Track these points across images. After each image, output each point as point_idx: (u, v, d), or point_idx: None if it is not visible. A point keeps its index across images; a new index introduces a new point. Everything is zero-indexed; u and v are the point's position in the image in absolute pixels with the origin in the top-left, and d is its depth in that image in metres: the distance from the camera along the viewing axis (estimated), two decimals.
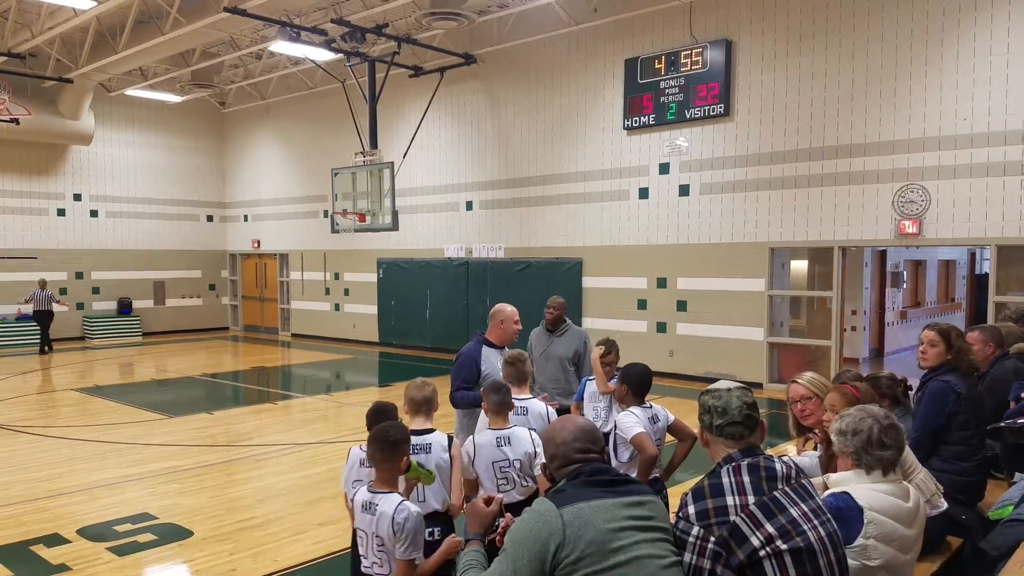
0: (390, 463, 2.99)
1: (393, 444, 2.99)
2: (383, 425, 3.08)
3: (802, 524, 2.23)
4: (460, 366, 5.12)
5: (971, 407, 4.27)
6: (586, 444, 2.37)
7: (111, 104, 19.43)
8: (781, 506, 2.25)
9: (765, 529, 2.19)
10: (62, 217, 19.28)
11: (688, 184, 12.78)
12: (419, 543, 2.92)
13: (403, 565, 2.92)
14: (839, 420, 2.86)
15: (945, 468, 4.14)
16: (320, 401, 11.91)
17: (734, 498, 2.24)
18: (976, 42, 10.07)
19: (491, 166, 15.62)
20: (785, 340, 12.40)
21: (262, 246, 21.24)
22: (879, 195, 10.95)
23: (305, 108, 19.23)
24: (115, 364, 15.96)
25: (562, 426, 2.44)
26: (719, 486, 2.28)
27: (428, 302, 16.84)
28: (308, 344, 19.01)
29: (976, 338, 5.06)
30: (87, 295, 19.77)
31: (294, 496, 6.85)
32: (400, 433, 3.03)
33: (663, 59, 12.72)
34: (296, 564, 5.27)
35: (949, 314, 18.83)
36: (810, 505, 2.31)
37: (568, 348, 6.11)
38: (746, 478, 2.29)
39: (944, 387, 4.27)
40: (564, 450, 2.37)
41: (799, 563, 2.18)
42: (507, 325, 5.22)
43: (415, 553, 2.92)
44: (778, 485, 2.29)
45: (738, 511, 2.21)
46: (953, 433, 4.25)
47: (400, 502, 2.94)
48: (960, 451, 4.24)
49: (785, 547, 2.17)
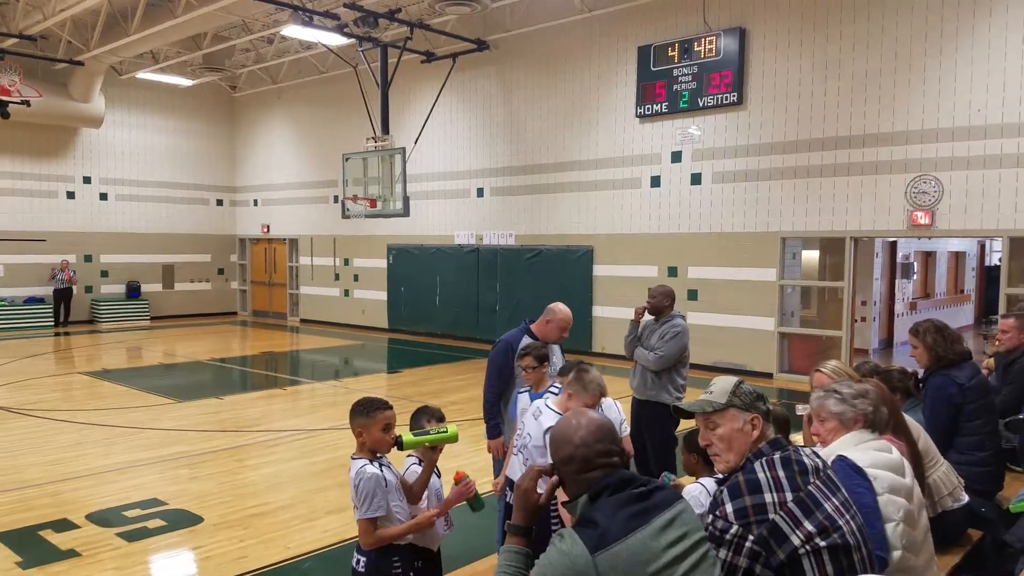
0: (362, 430, 3.13)
1: (362, 410, 3.13)
2: (364, 397, 3.25)
3: (837, 520, 2.20)
4: (496, 354, 5.09)
5: (977, 396, 4.27)
6: (608, 445, 2.10)
7: (122, 87, 19.39)
8: (817, 501, 2.21)
9: (805, 527, 2.15)
10: (72, 200, 19.31)
11: (700, 173, 12.69)
12: (377, 505, 3.03)
13: (361, 524, 3.08)
14: (838, 389, 3.00)
15: (962, 460, 4.12)
16: (329, 387, 11.92)
17: (772, 495, 2.19)
18: (991, 33, 9.94)
19: (502, 153, 15.55)
20: (796, 330, 12.34)
21: (271, 231, 21.24)
22: (892, 185, 10.85)
23: (316, 93, 19.17)
24: (123, 348, 16.01)
25: (578, 422, 2.13)
26: (756, 482, 2.22)
27: (438, 288, 16.82)
28: (317, 330, 19.03)
29: (1011, 325, 5.02)
30: (96, 278, 19.82)
31: (304, 483, 6.86)
32: (374, 404, 3.15)
33: (676, 47, 12.61)
34: (307, 551, 5.27)
35: (958, 306, 18.74)
36: (839, 498, 2.28)
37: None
38: (781, 473, 2.24)
39: (944, 380, 4.30)
40: (584, 452, 2.08)
41: (836, 560, 2.15)
42: (551, 327, 5.06)
43: (372, 513, 3.03)
44: (810, 479, 2.25)
45: (777, 509, 2.16)
46: (964, 424, 4.26)
47: (360, 466, 3.08)
48: (974, 441, 4.24)
49: (824, 544, 2.15)
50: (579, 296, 13.88)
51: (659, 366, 5.86)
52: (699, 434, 2.50)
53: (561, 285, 14.04)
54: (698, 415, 2.45)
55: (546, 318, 5.11)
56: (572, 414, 2.22)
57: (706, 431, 2.43)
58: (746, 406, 2.38)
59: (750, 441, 2.35)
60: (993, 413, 4.33)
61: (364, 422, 3.13)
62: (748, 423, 2.35)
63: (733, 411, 2.37)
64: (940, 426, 4.18)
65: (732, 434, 2.36)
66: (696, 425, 2.52)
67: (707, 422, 2.42)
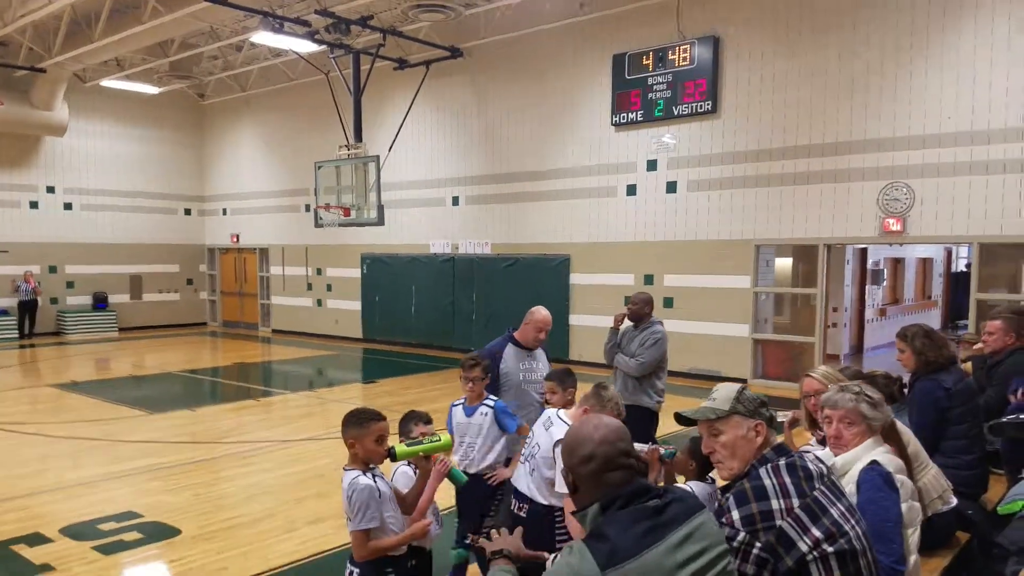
0: (355, 441, 3.10)
1: (355, 421, 3.11)
2: (357, 407, 3.22)
3: (844, 525, 2.19)
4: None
5: (963, 400, 4.31)
6: (628, 447, 2.03)
7: (86, 95, 19.01)
8: (823, 507, 2.20)
9: (812, 533, 2.14)
10: (35, 210, 18.87)
11: (676, 181, 12.77)
12: (371, 516, 3.02)
13: (354, 536, 3.06)
14: (867, 394, 2.95)
15: (949, 463, 4.15)
16: (303, 398, 11.75)
17: (779, 501, 2.17)
18: (961, 41, 10.14)
19: (477, 161, 15.52)
20: (770, 336, 12.45)
21: (241, 240, 20.95)
22: (864, 193, 11.01)
23: (287, 100, 18.98)
24: (91, 359, 15.65)
25: (598, 422, 2.07)
26: (762, 489, 2.21)
27: (413, 298, 16.70)
28: (289, 340, 18.78)
29: (997, 327, 5.08)
30: (61, 289, 19.38)
31: (282, 494, 6.72)
32: (367, 415, 3.13)
33: (651, 55, 12.69)
34: (287, 563, 5.16)
35: (926, 311, 19.05)
36: (844, 504, 2.27)
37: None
38: (787, 479, 2.22)
39: (931, 385, 4.34)
40: (606, 450, 1.98)
41: (843, 565, 2.15)
42: (527, 329, 5.06)
43: (365, 524, 3.02)
44: (815, 485, 2.24)
45: (784, 515, 2.15)
46: (950, 428, 4.30)
47: (353, 477, 3.06)
48: (960, 445, 4.28)
49: (832, 550, 2.13)
50: (556, 304, 13.80)
51: (640, 372, 5.98)
52: (702, 441, 2.47)
53: (538, 294, 14.00)
54: (701, 422, 2.42)
55: (525, 321, 5.10)
56: (589, 417, 2.20)
57: (709, 438, 2.40)
58: (750, 413, 2.36)
59: (754, 448, 2.33)
60: (979, 416, 4.37)
61: (357, 433, 3.09)
62: (752, 430, 2.34)
63: (737, 418, 2.35)
64: (927, 430, 4.20)
65: (736, 441, 2.34)
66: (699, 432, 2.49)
67: (710, 429, 2.39)
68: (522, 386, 4.99)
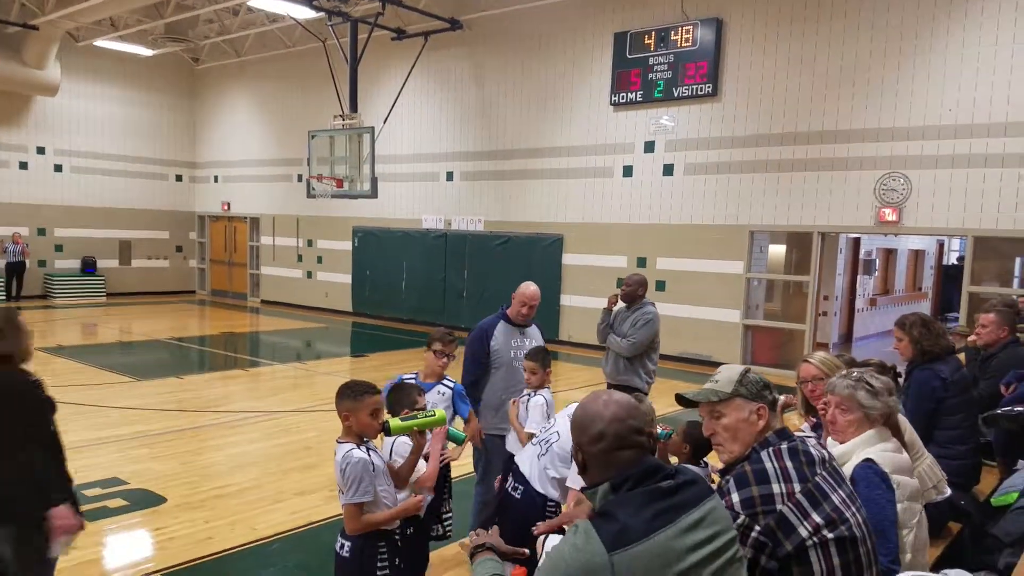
0: (349, 414, 3.07)
1: (350, 394, 3.07)
2: (352, 380, 3.18)
3: (844, 512, 2.16)
4: (472, 339, 4.99)
5: (958, 391, 4.29)
6: (640, 424, 1.95)
7: (79, 55, 18.69)
8: (824, 493, 2.16)
9: (813, 519, 2.10)
10: (24, 170, 18.61)
11: (673, 164, 12.69)
12: (364, 490, 2.99)
13: (347, 509, 3.03)
14: (869, 382, 2.87)
15: (943, 453, 4.14)
16: (291, 369, 11.69)
17: (780, 486, 2.13)
18: (965, 33, 10.08)
19: (473, 136, 15.37)
20: (760, 323, 12.45)
21: (232, 209, 20.75)
22: (861, 182, 10.97)
23: (282, 67, 18.72)
24: (79, 324, 15.52)
25: (608, 398, 2.00)
26: (763, 472, 2.17)
27: (404, 273, 16.61)
28: (278, 311, 18.68)
29: (991, 319, 5.08)
30: (50, 252, 19.18)
31: (269, 464, 6.68)
32: (362, 387, 3.10)
33: (653, 35, 12.56)
34: (274, 533, 5.13)
35: (916, 302, 19.12)
36: (845, 490, 2.24)
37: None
38: (789, 463, 2.18)
39: (928, 374, 4.31)
40: (617, 428, 1.92)
41: (843, 552, 2.11)
42: (513, 303, 4.98)
43: (359, 498, 2.99)
44: (817, 470, 2.20)
45: (784, 500, 2.11)
46: (945, 418, 4.28)
47: (347, 450, 3.02)
48: (955, 435, 4.27)
49: (832, 536, 2.10)
50: (548, 284, 13.80)
51: (632, 352, 6.01)
52: (703, 424, 2.42)
53: (530, 273, 13.90)
54: (703, 404, 2.37)
55: (513, 296, 5.05)
56: (599, 393, 2.08)
57: (710, 420, 2.35)
58: (752, 396, 2.30)
59: (755, 431, 2.28)
60: (974, 407, 4.37)
61: (352, 405, 3.05)
62: (754, 413, 2.28)
63: (739, 400, 2.29)
64: (922, 419, 4.19)
65: (737, 424, 2.28)
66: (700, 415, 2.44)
67: (712, 411, 2.34)
68: (513, 364, 4.94)
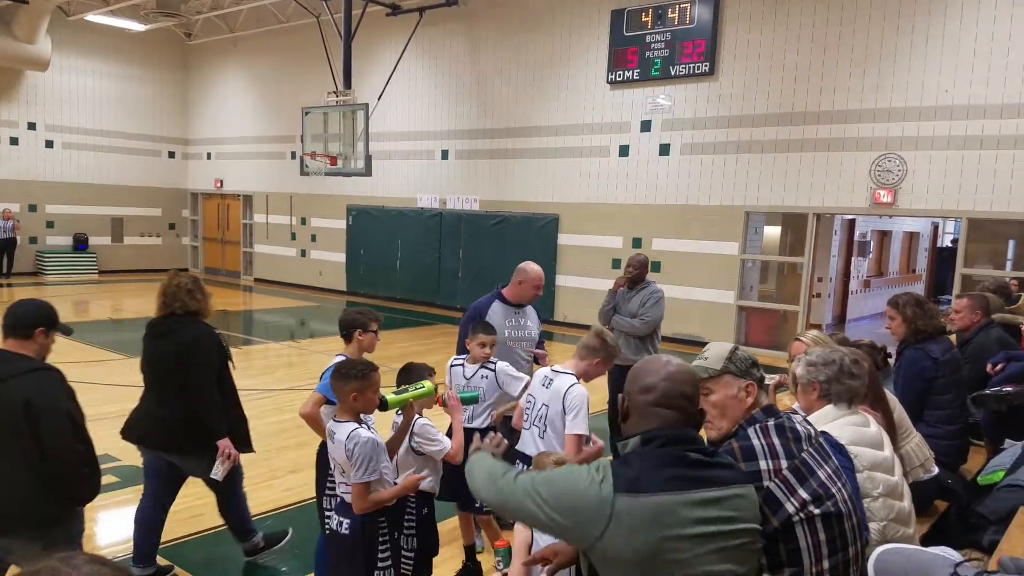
0: (358, 393, 3.08)
1: (357, 373, 3.08)
2: (344, 360, 3.23)
3: (830, 487, 2.17)
4: (467, 319, 4.97)
5: (949, 371, 4.33)
6: (693, 393, 2.03)
7: (70, 29, 18.48)
8: (811, 469, 2.18)
9: (799, 495, 2.12)
10: (15, 146, 18.47)
11: (669, 144, 12.64)
12: (373, 469, 3.02)
13: (356, 488, 3.05)
14: (807, 354, 2.98)
15: (932, 433, 4.18)
16: (285, 348, 11.69)
17: (767, 462, 2.15)
18: (963, 13, 10.01)
19: (469, 114, 15.28)
20: (755, 304, 12.47)
21: (225, 186, 20.65)
22: (857, 163, 10.95)
23: (275, 43, 18.54)
24: (70, 301, 15.46)
25: (669, 360, 2.07)
26: (751, 448, 2.18)
27: (399, 252, 16.57)
28: (271, 290, 18.64)
29: (964, 305, 5.12)
30: (41, 229, 19.08)
31: (262, 442, 6.61)
32: (368, 365, 3.12)
33: (650, 12, 12.46)
34: (268, 510, 5.16)
35: (910, 284, 19.17)
36: (831, 466, 2.25)
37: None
38: (776, 440, 2.20)
39: (919, 354, 4.35)
40: (667, 386, 1.99)
41: (829, 527, 2.13)
42: (524, 287, 4.97)
43: (368, 477, 3.02)
44: (803, 446, 2.22)
45: (771, 476, 2.13)
46: (935, 398, 4.32)
47: (352, 430, 3.03)
48: (944, 415, 4.31)
49: (818, 512, 2.12)
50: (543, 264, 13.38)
51: (646, 330, 6.16)
52: None
53: (525, 253, 13.84)
54: None
55: (518, 279, 5.04)
56: (660, 355, 2.15)
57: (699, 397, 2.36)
58: (741, 373, 2.33)
59: (743, 408, 2.30)
60: (963, 388, 4.40)
61: (361, 384, 3.05)
62: (742, 390, 2.31)
63: (728, 377, 2.33)
64: (912, 398, 4.22)
65: (726, 401, 2.31)
66: None
67: (701, 388, 2.35)
68: (507, 343, 4.92)
